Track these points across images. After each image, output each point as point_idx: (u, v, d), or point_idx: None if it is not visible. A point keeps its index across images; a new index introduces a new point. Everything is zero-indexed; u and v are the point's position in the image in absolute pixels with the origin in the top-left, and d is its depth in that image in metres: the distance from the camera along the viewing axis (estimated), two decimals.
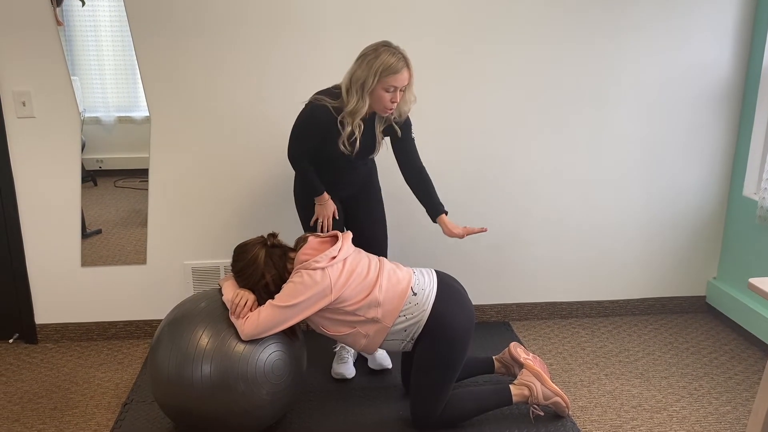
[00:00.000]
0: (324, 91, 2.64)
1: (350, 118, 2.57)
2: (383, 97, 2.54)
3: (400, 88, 2.54)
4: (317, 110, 2.59)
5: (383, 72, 2.49)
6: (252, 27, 3.04)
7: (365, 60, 2.52)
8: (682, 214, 3.54)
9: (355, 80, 2.53)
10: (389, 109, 2.59)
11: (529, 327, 3.53)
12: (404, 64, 2.52)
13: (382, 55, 2.50)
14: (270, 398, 2.39)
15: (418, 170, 2.80)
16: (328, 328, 2.49)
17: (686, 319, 3.63)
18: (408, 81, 2.55)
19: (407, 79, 2.54)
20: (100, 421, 2.69)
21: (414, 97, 2.65)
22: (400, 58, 2.51)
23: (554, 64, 3.24)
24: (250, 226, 3.25)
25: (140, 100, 3.10)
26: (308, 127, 2.64)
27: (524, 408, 2.73)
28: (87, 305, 3.32)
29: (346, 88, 2.56)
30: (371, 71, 2.50)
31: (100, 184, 3.25)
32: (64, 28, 2.98)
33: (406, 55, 2.54)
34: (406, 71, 2.53)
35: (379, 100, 2.55)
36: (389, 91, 2.53)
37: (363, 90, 2.52)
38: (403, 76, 2.52)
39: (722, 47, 3.31)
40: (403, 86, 2.55)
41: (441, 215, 2.77)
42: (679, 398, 2.87)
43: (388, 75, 2.49)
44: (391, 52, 2.51)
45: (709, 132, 3.43)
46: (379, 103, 2.56)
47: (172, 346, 2.35)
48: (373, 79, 2.50)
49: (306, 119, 2.64)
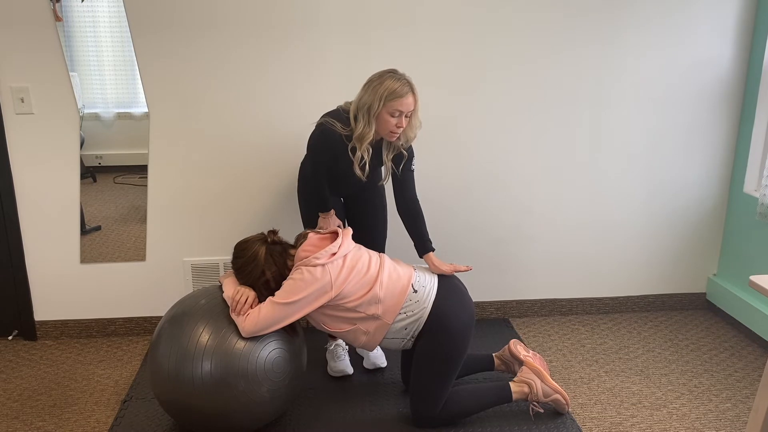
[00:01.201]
0: (333, 113, 2.66)
1: (359, 143, 2.60)
2: (388, 122, 2.56)
3: (405, 113, 2.56)
4: (328, 135, 2.62)
5: (388, 96, 2.52)
6: (251, 23, 3.03)
7: (371, 86, 2.56)
8: (683, 210, 3.54)
9: (362, 105, 2.57)
10: (395, 134, 2.60)
11: (529, 324, 3.53)
12: (409, 89, 2.54)
13: (386, 81, 2.53)
14: (270, 395, 2.38)
15: (412, 202, 2.78)
16: (329, 325, 2.48)
17: (686, 316, 3.63)
18: (413, 106, 2.57)
19: (412, 104, 2.56)
20: (100, 418, 2.69)
21: (420, 123, 2.67)
22: (404, 83, 2.54)
23: (555, 61, 3.23)
24: (250, 223, 3.24)
25: (139, 96, 3.09)
26: (322, 152, 2.67)
27: (524, 405, 2.73)
28: (86, 302, 3.31)
29: (354, 114, 2.60)
30: (376, 96, 2.53)
31: (100, 180, 3.24)
32: (63, 24, 2.97)
33: (411, 82, 2.56)
34: (411, 96, 2.55)
35: (385, 125, 2.57)
36: (394, 116, 2.55)
37: (369, 115, 2.56)
38: (407, 101, 2.54)
39: (723, 44, 3.31)
40: (408, 111, 2.56)
41: (428, 253, 2.72)
42: (679, 395, 2.87)
43: (393, 99, 2.52)
44: (396, 78, 2.54)
45: (709, 129, 3.43)
46: (384, 127, 2.58)
47: (172, 343, 2.35)
48: (378, 103, 2.53)
49: (318, 144, 2.67)
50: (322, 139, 2.64)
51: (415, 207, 2.77)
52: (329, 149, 2.64)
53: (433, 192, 3.26)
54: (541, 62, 3.23)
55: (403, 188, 2.78)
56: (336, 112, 2.66)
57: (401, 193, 2.78)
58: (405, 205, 2.78)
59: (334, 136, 2.61)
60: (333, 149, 2.64)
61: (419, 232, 2.76)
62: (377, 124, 2.58)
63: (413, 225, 2.77)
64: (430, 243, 2.74)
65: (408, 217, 2.78)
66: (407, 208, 2.77)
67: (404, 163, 2.74)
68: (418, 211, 2.77)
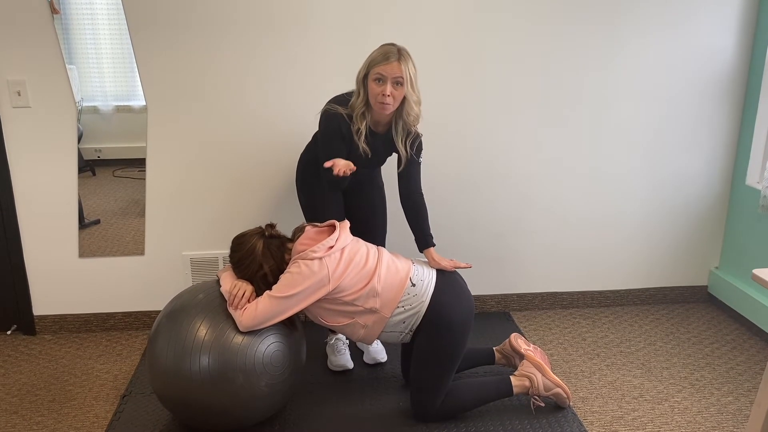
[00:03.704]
0: (335, 98, 2.65)
1: (355, 116, 2.57)
2: (374, 89, 2.50)
3: (390, 79, 2.47)
4: (331, 118, 2.59)
5: (372, 62, 2.50)
6: (250, 16, 3.00)
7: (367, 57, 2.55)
8: (684, 203, 3.52)
9: (357, 76, 2.56)
10: (384, 105, 2.51)
11: (530, 317, 3.52)
12: (396, 56, 2.47)
13: (377, 49, 2.52)
14: (269, 389, 2.38)
15: (417, 195, 2.74)
16: (327, 319, 2.47)
17: (688, 309, 3.61)
18: (399, 73, 2.47)
19: (398, 70, 2.47)
20: (99, 413, 2.68)
21: (418, 99, 2.59)
22: (392, 49, 2.49)
23: (556, 54, 3.20)
24: (248, 216, 3.23)
25: (138, 89, 3.07)
26: (333, 137, 2.61)
27: (525, 399, 2.72)
28: (85, 296, 3.30)
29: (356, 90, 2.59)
30: (365, 64, 2.53)
31: (99, 173, 3.23)
32: (60, 17, 2.95)
33: (403, 50, 2.50)
34: (397, 63, 2.47)
35: (372, 93, 2.52)
36: (379, 81, 2.48)
37: (360, 84, 2.54)
38: (391, 66, 2.46)
39: (726, 36, 3.28)
40: (394, 77, 2.47)
41: (429, 248, 2.69)
42: (681, 389, 2.85)
43: (377, 64, 2.48)
44: (387, 45, 2.51)
45: (712, 121, 3.41)
46: (372, 96, 2.52)
47: (170, 337, 2.34)
48: (365, 70, 2.52)
49: (327, 130, 2.63)
50: (327, 124, 2.61)
51: (420, 201, 2.74)
52: (337, 131, 2.59)
53: (434, 185, 3.23)
54: (542, 55, 3.20)
55: (409, 181, 2.74)
56: (338, 96, 2.65)
57: (406, 186, 2.75)
58: (409, 199, 2.74)
59: (337, 118, 2.58)
60: (340, 130, 2.59)
61: (421, 226, 2.73)
62: (368, 96, 2.54)
63: (416, 219, 2.74)
64: (431, 238, 2.72)
65: (411, 210, 2.75)
66: (412, 202, 2.74)
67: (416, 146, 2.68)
68: (422, 205, 2.74)
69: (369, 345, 2.97)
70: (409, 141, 2.65)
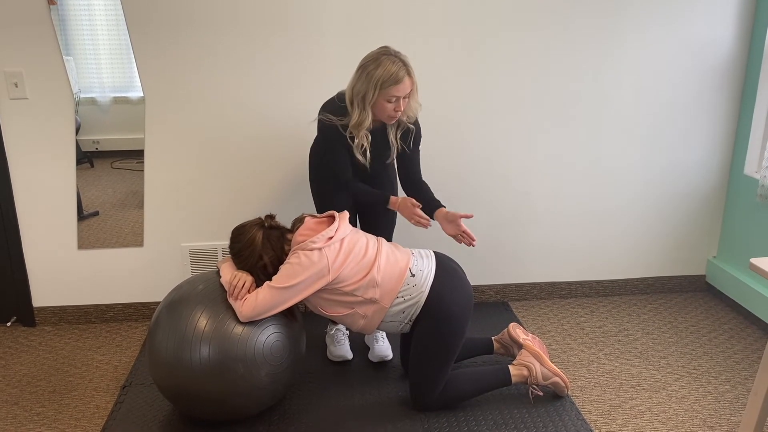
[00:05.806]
0: (327, 105, 2.60)
1: (356, 130, 2.55)
2: (386, 108, 2.49)
3: (403, 96, 2.48)
4: (327, 132, 2.59)
5: (384, 83, 2.43)
6: (248, 9, 2.99)
7: (365, 71, 2.47)
8: (683, 192, 3.52)
9: (356, 93, 2.50)
10: (394, 118, 2.55)
11: (528, 307, 3.53)
12: (405, 72, 2.45)
13: (382, 64, 2.43)
14: (269, 380, 2.38)
15: (418, 182, 2.76)
16: (326, 309, 2.48)
17: (686, 299, 3.62)
18: (411, 88, 2.49)
19: (409, 86, 2.48)
20: (99, 404, 2.69)
21: (419, 104, 2.60)
22: (400, 66, 2.44)
23: (553, 44, 3.20)
24: (247, 207, 3.23)
25: (136, 80, 3.06)
26: (334, 148, 2.62)
27: (523, 388, 2.73)
28: (85, 288, 3.31)
29: (349, 101, 2.53)
30: (371, 84, 2.44)
31: (97, 165, 3.22)
32: (57, 8, 2.94)
33: (406, 62, 2.47)
34: (408, 80, 2.46)
35: (382, 111, 2.51)
36: (392, 102, 2.48)
37: (364, 102, 2.49)
38: (404, 86, 2.45)
39: (725, 25, 3.27)
40: (406, 94, 2.49)
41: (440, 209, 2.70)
42: (678, 377, 2.87)
43: (389, 86, 2.43)
44: (391, 60, 2.44)
45: (710, 110, 3.40)
46: (382, 113, 2.52)
47: (170, 328, 2.34)
48: (373, 91, 2.45)
49: (325, 146, 2.63)
50: (324, 135, 2.60)
51: (420, 181, 2.78)
52: (335, 144, 2.59)
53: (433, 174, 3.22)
54: (541, 48, 3.19)
55: (409, 169, 2.74)
56: (330, 103, 2.61)
57: (407, 175, 2.75)
58: (412, 186, 2.77)
59: (333, 131, 2.57)
60: (339, 141, 2.59)
61: (427, 197, 2.74)
62: (375, 111, 2.52)
63: (419, 193, 2.75)
64: (438, 201, 2.73)
65: (412, 190, 2.78)
66: (411, 183, 2.77)
67: (412, 138, 2.68)
68: (423, 183, 2.78)
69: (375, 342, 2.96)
70: (401, 131, 2.66)
